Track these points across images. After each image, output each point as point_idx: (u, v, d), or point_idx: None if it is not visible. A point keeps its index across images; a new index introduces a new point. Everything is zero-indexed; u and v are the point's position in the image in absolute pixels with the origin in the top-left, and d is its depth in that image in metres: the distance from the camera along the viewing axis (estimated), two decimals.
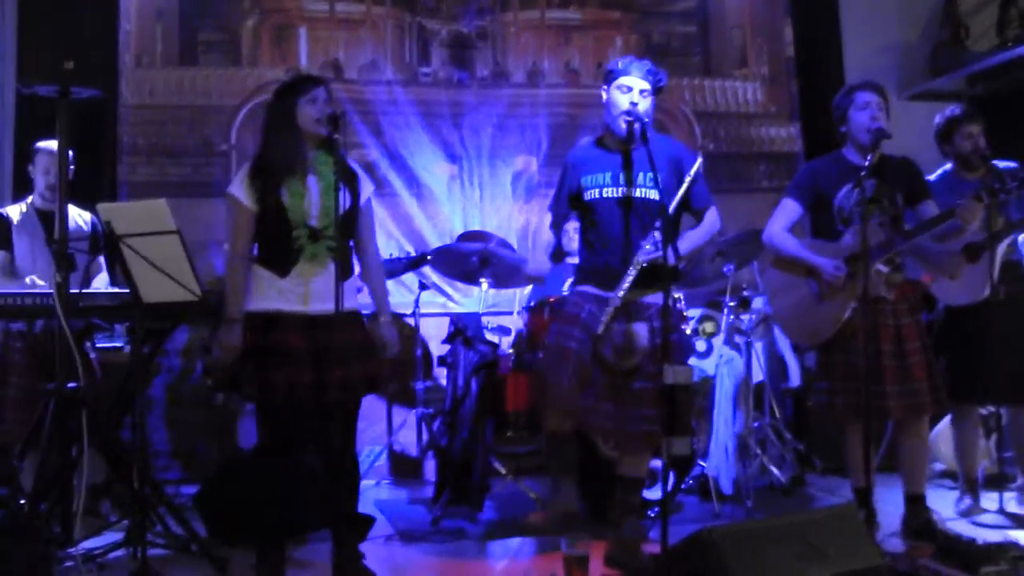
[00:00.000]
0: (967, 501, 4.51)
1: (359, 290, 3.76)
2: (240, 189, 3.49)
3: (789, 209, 4.17)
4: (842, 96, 4.13)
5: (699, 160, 3.75)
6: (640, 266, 3.56)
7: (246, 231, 3.51)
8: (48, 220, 4.36)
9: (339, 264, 3.31)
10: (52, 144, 4.25)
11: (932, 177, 4.50)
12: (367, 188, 3.66)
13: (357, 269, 3.74)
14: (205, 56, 6.03)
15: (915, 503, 4.06)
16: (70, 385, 3.64)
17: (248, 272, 3.51)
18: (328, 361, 3.40)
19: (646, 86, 3.69)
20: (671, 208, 3.57)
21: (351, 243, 3.63)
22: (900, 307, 4.00)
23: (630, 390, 3.62)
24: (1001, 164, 4.48)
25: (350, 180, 3.55)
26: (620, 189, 3.69)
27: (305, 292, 3.46)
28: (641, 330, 3.61)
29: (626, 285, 3.57)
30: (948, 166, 4.56)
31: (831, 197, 4.07)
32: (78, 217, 4.55)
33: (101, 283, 4.59)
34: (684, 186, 3.64)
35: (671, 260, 3.41)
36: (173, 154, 5.90)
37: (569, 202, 3.85)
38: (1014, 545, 3.31)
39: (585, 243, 3.84)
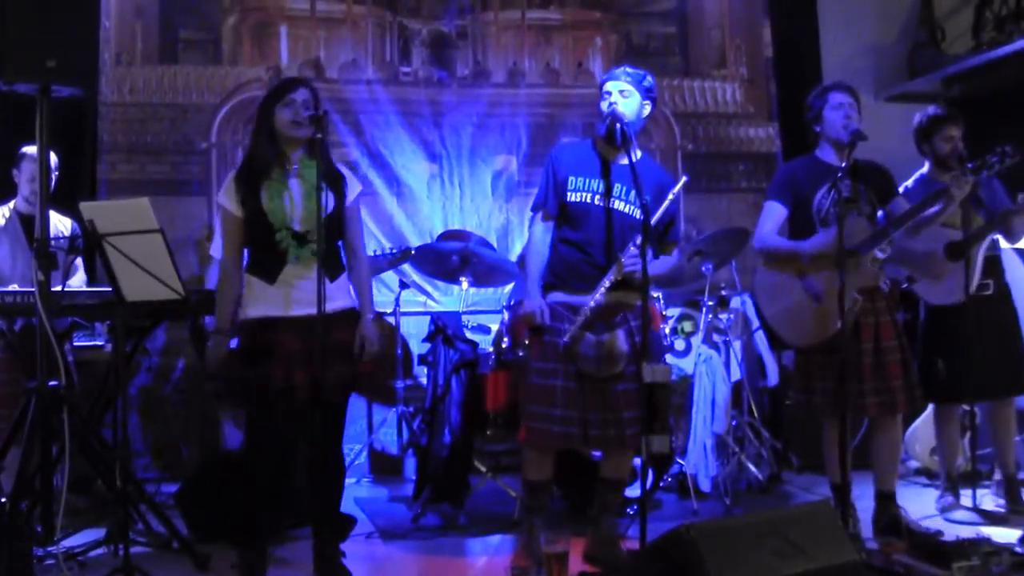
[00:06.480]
0: (948, 499, 4.54)
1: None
2: (225, 195, 3.52)
3: (774, 212, 4.20)
4: (816, 96, 4.17)
5: (684, 179, 3.82)
6: (623, 274, 3.56)
7: (234, 237, 3.54)
8: (30, 224, 4.32)
9: (326, 266, 3.35)
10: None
11: (909, 183, 4.55)
12: (354, 189, 3.64)
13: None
14: (185, 54, 6.01)
15: (885, 500, 4.11)
16: (51, 383, 3.63)
17: (239, 281, 3.54)
18: (321, 361, 3.38)
19: (624, 85, 3.69)
20: (653, 220, 3.55)
21: (340, 244, 3.63)
22: (879, 305, 4.06)
23: (613, 394, 3.63)
24: None
25: (335, 182, 3.54)
26: (609, 199, 3.69)
27: (294, 296, 3.45)
28: (619, 336, 3.62)
29: (599, 293, 3.57)
30: (924, 169, 4.59)
31: (809, 198, 4.11)
32: (59, 223, 4.52)
33: (77, 282, 4.58)
34: (668, 199, 3.66)
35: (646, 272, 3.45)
36: (153, 152, 5.88)
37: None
38: (986, 541, 3.36)
39: (561, 240, 3.77)
